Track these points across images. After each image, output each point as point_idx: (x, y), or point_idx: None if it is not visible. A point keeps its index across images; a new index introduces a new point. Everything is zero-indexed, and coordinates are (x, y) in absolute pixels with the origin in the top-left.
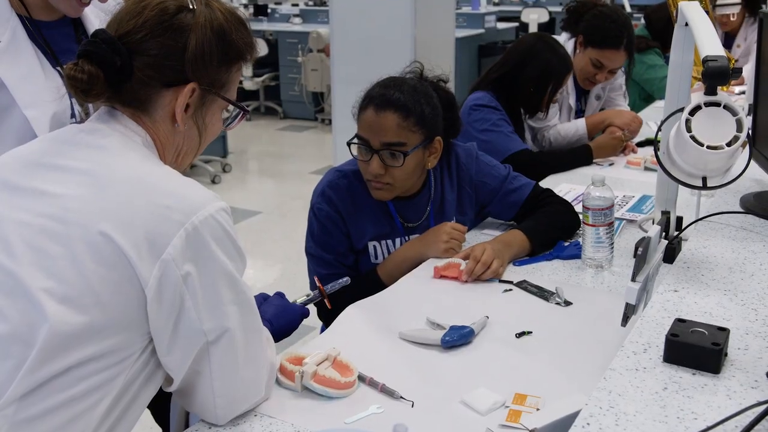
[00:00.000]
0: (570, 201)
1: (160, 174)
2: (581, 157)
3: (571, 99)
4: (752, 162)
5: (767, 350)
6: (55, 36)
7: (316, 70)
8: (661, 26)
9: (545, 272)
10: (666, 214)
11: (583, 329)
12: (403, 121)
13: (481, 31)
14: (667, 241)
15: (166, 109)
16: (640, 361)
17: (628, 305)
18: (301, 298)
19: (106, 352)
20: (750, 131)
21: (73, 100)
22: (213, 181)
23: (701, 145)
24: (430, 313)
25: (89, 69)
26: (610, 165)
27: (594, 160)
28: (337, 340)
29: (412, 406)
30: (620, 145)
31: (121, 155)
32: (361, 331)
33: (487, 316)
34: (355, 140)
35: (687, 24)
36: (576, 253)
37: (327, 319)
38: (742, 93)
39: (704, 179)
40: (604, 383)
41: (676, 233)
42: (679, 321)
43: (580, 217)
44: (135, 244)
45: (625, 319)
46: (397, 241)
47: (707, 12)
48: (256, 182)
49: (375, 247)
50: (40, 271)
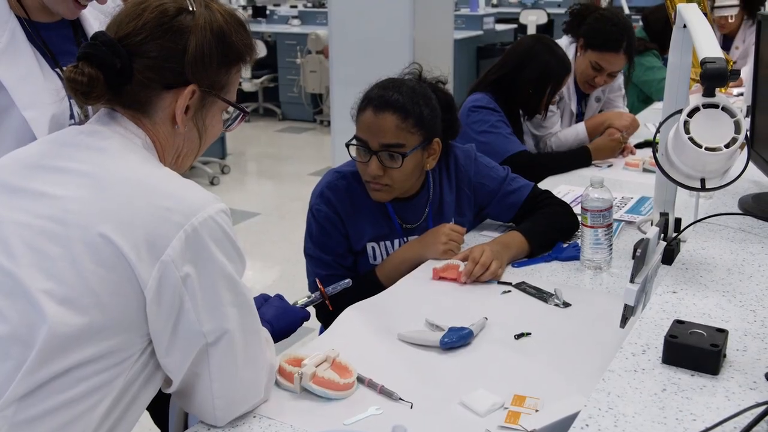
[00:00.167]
0: (569, 202)
1: (159, 176)
2: (580, 159)
3: (573, 104)
4: (750, 163)
5: (766, 351)
6: (53, 37)
7: (315, 71)
8: (659, 27)
9: (544, 274)
10: (664, 215)
11: (581, 330)
12: (401, 122)
13: (480, 32)
14: (665, 243)
15: (166, 111)
16: (638, 363)
17: (626, 306)
18: (302, 300)
19: (106, 354)
20: (748, 133)
21: (72, 101)
22: (212, 183)
23: (699, 146)
24: (429, 314)
25: (89, 71)
26: (609, 166)
27: (592, 162)
28: (336, 342)
29: (411, 407)
30: (619, 147)
31: (121, 157)
32: (360, 332)
33: (486, 318)
34: (354, 141)
35: (685, 26)
36: (575, 255)
37: (326, 321)
38: (741, 95)
39: (703, 181)
40: (603, 384)
41: (675, 235)
42: (678, 322)
43: (579, 218)
44: (134, 246)
45: (624, 321)
46: (396, 242)
47: (705, 14)
48: (254, 184)
49: (373, 248)
50: (40, 272)
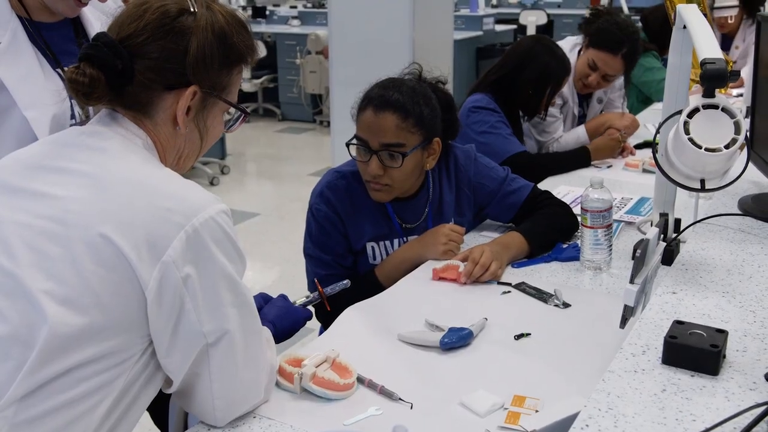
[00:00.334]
0: (568, 203)
1: (160, 176)
2: (579, 159)
3: (575, 108)
4: (750, 164)
5: (765, 352)
6: (54, 37)
7: (315, 72)
8: (658, 27)
9: (544, 274)
10: (664, 216)
11: (581, 331)
12: (401, 121)
13: (480, 33)
14: (665, 243)
15: (168, 112)
16: (638, 363)
17: (626, 307)
18: (300, 300)
19: (106, 354)
20: (748, 133)
21: (74, 101)
22: (211, 183)
23: (699, 147)
24: (429, 314)
25: (91, 72)
26: (609, 167)
27: (592, 162)
28: (336, 342)
29: (411, 407)
30: (618, 147)
31: (122, 158)
32: (360, 332)
33: (486, 318)
34: (354, 141)
35: (685, 27)
36: (574, 255)
37: (326, 321)
38: (740, 95)
39: (702, 181)
40: (603, 385)
41: (675, 235)
42: (678, 323)
43: (579, 219)
44: (135, 246)
45: (624, 321)
46: (396, 242)
47: (705, 14)
48: (254, 184)
49: (373, 248)
50: (40, 273)
